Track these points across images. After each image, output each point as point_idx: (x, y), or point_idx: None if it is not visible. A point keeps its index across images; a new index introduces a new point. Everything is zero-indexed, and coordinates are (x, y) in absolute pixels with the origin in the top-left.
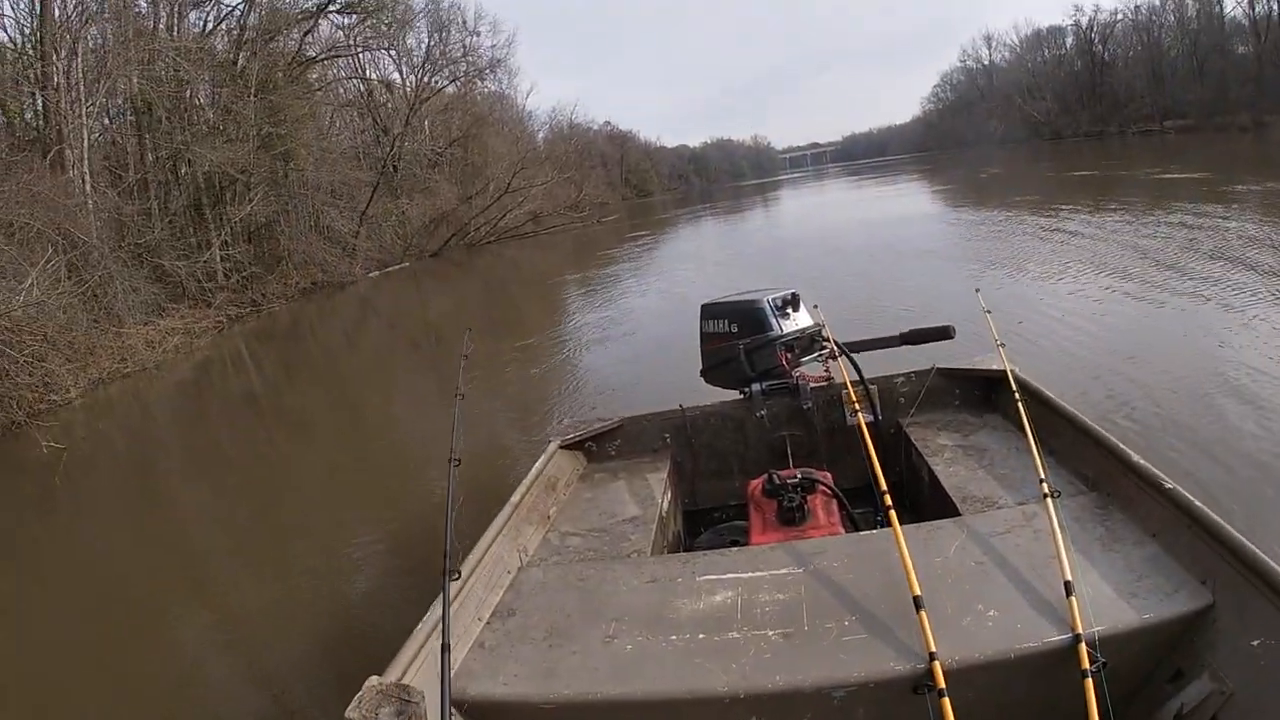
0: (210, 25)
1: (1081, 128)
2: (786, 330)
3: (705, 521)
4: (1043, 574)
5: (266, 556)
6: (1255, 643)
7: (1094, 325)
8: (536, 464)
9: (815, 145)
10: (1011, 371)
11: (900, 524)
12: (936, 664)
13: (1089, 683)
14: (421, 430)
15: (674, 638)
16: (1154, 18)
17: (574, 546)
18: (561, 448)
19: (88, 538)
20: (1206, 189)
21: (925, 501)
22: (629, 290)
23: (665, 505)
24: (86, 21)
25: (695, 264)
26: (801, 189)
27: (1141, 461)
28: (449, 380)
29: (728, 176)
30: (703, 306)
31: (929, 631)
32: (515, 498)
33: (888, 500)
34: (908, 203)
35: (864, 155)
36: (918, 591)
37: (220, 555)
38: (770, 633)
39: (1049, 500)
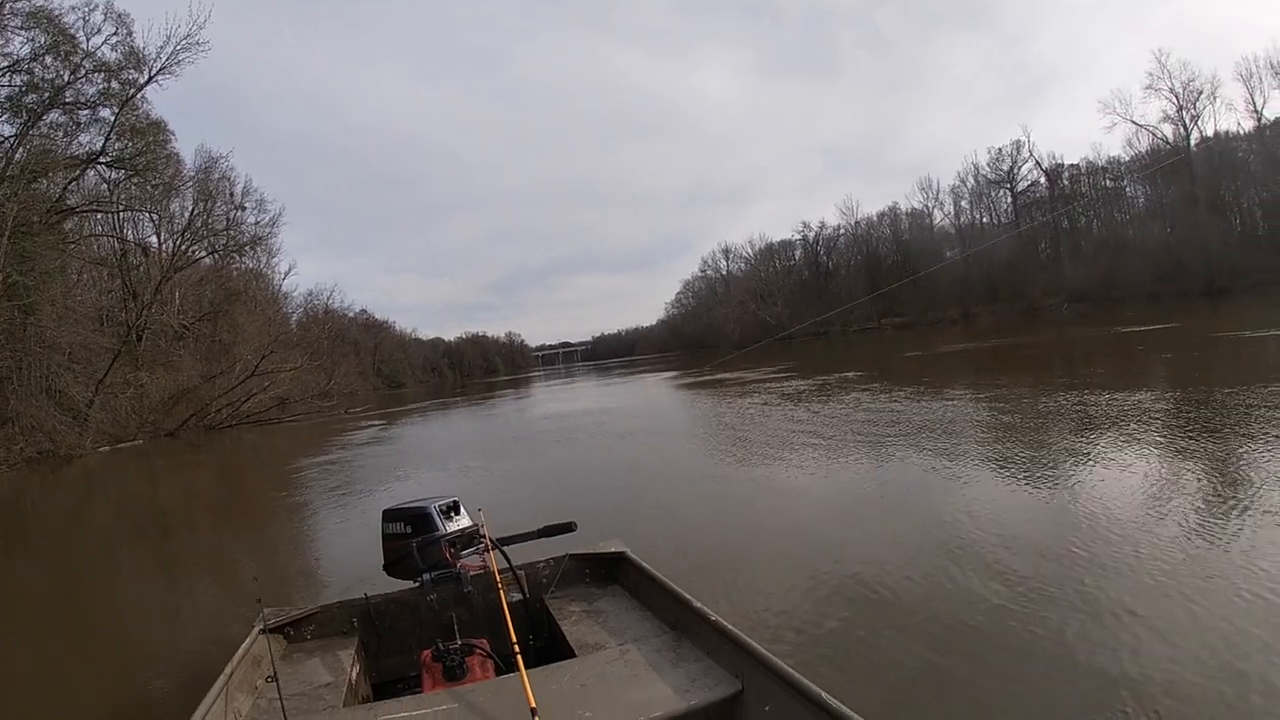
0: None
1: (810, 328)
2: (450, 530)
3: (389, 692)
4: (626, 688)
5: None
6: (767, 708)
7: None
8: (241, 647)
9: (566, 344)
10: (625, 553)
11: (531, 668)
12: None
13: None
14: (140, 628)
15: None
16: (871, 231)
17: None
18: (262, 633)
19: None
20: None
21: (559, 654)
22: (358, 486)
23: (354, 677)
24: None
25: (426, 467)
26: (551, 384)
27: (699, 606)
28: (173, 580)
29: (481, 371)
30: (384, 511)
31: None
32: (220, 680)
33: (517, 652)
34: (609, 398)
35: (612, 355)
36: (534, 705)
37: None
38: None
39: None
